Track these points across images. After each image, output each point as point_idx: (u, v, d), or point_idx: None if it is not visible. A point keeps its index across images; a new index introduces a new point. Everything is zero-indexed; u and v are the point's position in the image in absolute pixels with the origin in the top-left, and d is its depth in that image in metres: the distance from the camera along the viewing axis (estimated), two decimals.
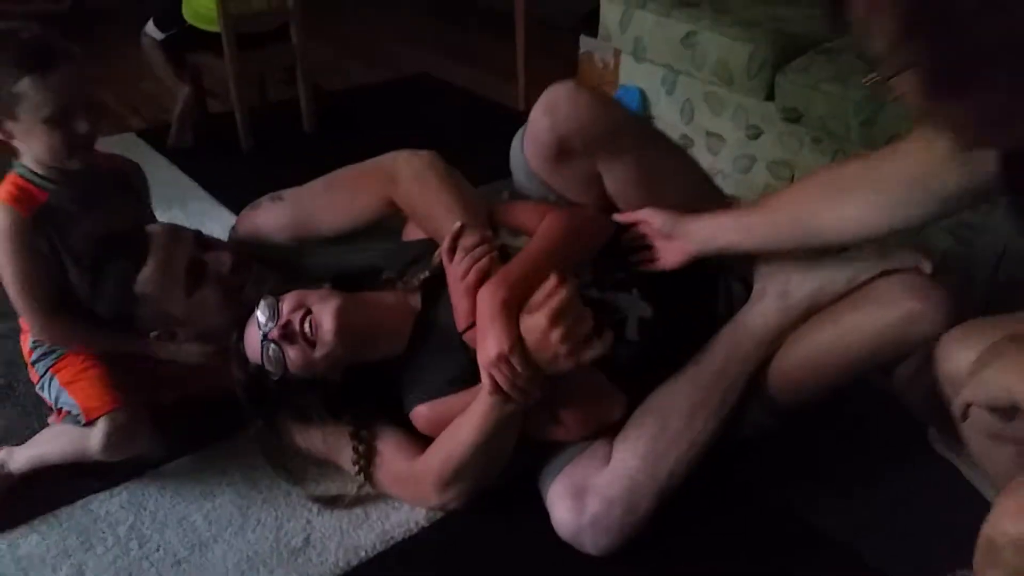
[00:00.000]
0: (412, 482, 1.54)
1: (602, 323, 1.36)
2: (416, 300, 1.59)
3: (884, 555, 1.46)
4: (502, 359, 1.32)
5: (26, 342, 1.73)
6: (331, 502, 1.58)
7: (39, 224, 1.56)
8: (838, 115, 2.09)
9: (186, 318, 1.62)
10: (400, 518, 1.55)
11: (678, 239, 1.50)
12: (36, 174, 1.58)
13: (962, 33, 0.87)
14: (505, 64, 3.52)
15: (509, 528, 1.53)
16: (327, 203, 1.72)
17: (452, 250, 1.48)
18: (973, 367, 1.10)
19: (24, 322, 1.68)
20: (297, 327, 1.48)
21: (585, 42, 3.15)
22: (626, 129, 1.51)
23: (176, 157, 2.91)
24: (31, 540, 1.52)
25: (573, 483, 1.46)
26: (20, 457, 1.66)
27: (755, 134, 2.41)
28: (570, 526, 1.44)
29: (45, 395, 1.71)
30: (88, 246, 1.60)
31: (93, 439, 1.57)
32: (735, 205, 1.65)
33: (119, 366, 1.66)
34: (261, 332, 1.50)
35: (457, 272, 1.46)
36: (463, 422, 1.44)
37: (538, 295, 1.34)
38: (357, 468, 1.56)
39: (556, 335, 1.31)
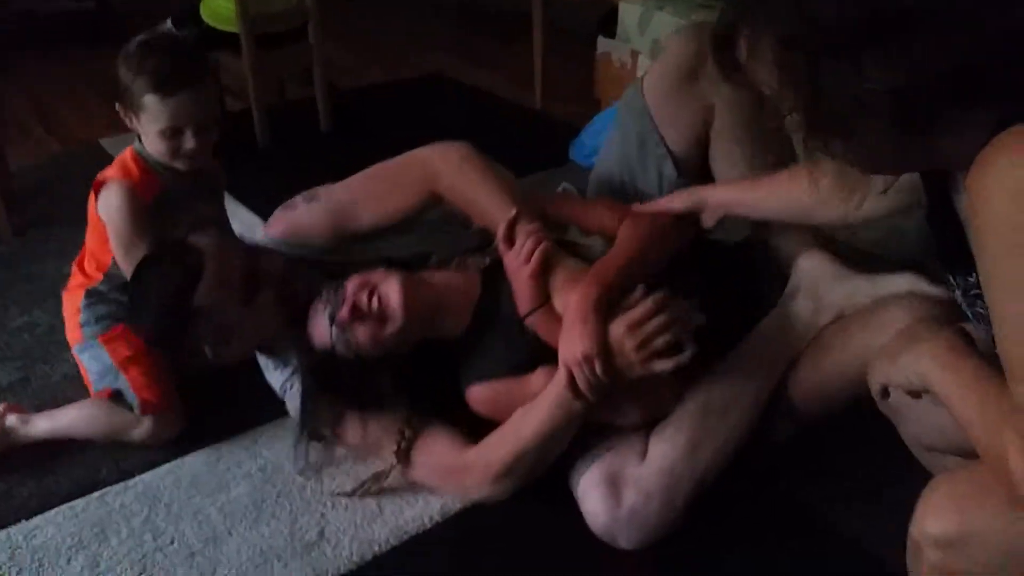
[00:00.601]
0: (461, 473, 1.52)
1: (683, 338, 1.39)
2: (475, 283, 1.59)
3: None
4: (588, 360, 1.35)
5: (74, 299, 1.76)
6: (359, 489, 1.56)
7: (154, 209, 1.69)
8: None
9: (245, 327, 1.57)
10: (414, 513, 1.54)
11: (700, 210, 1.60)
12: (152, 157, 1.71)
13: (831, 89, 0.91)
14: (521, 65, 3.53)
15: (524, 522, 1.51)
16: (366, 197, 1.68)
17: (509, 238, 1.51)
18: (889, 349, 1.14)
19: (78, 276, 1.78)
20: (365, 306, 1.47)
21: (603, 43, 3.14)
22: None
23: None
24: (47, 531, 1.52)
25: (608, 473, 1.45)
26: (39, 425, 1.70)
27: None
28: (604, 518, 1.42)
29: (83, 360, 1.74)
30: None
31: (141, 428, 1.68)
32: None
33: None
34: (328, 317, 1.49)
35: (519, 257, 1.48)
36: (526, 418, 1.45)
37: (627, 303, 1.41)
38: (397, 448, 1.53)
39: (631, 343, 1.36)
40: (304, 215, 1.68)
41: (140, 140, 1.71)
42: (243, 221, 2.47)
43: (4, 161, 2.60)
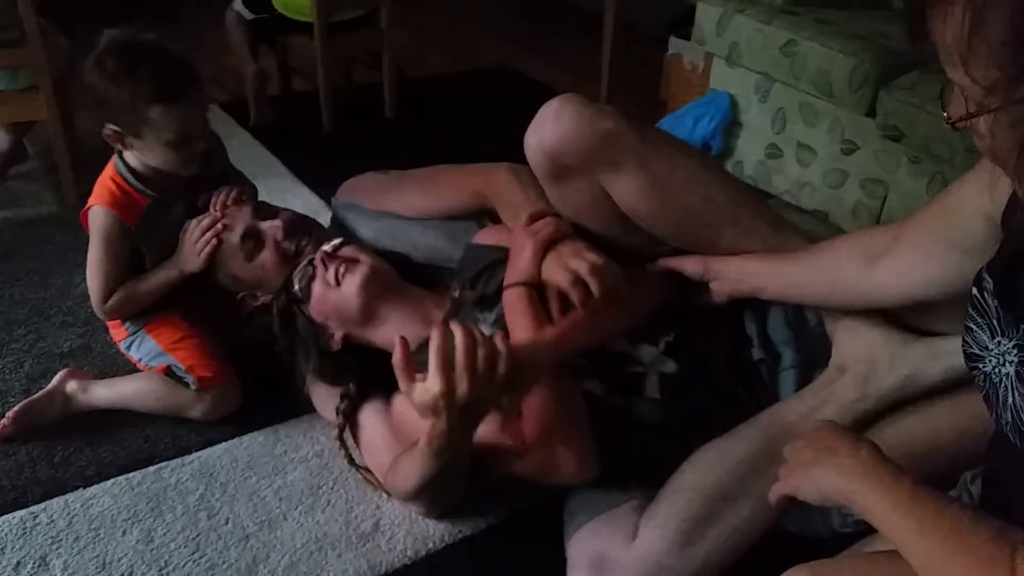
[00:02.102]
0: (385, 475, 1.49)
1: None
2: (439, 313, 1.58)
3: None
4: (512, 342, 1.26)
5: None
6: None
7: (138, 230, 1.66)
8: (943, 137, 2.01)
9: (254, 280, 1.69)
10: (471, 511, 1.51)
11: (712, 281, 1.48)
12: (136, 176, 1.65)
13: None
14: (590, 63, 3.48)
15: None
16: (411, 186, 1.77)
17: (531, 224, 1.49)
18: (797, 459, 1.04)
19: None
20: (340, 258, 1.56)
21: (675, 44, 3.10)
22: (621, 138, 1.41)
23: (258, 132, 2.93)
24: (103, 501, 1.52)
25: (593, 552, 1.33)
26: (99, 394, 1.70)
27: (850, 149, 2.34)
28: None
29: (132, 353, 1.74)
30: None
31: (200, 404, 1.66)
32: (773, 208, 1.59)
33: (199, 319, 1.74)
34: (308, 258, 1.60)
35: (531, 232, 1.46)
36: (414, 453, 1.36)
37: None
38: (337, 433, 1.56)
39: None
40: (364, 181, 1.84)
41: (121, 159, 1.65)
42: (305, 203, 2.47)
43: (72, 126, 2.61)
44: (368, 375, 1.57)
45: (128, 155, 1.64)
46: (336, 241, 1.62)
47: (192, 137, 1.60)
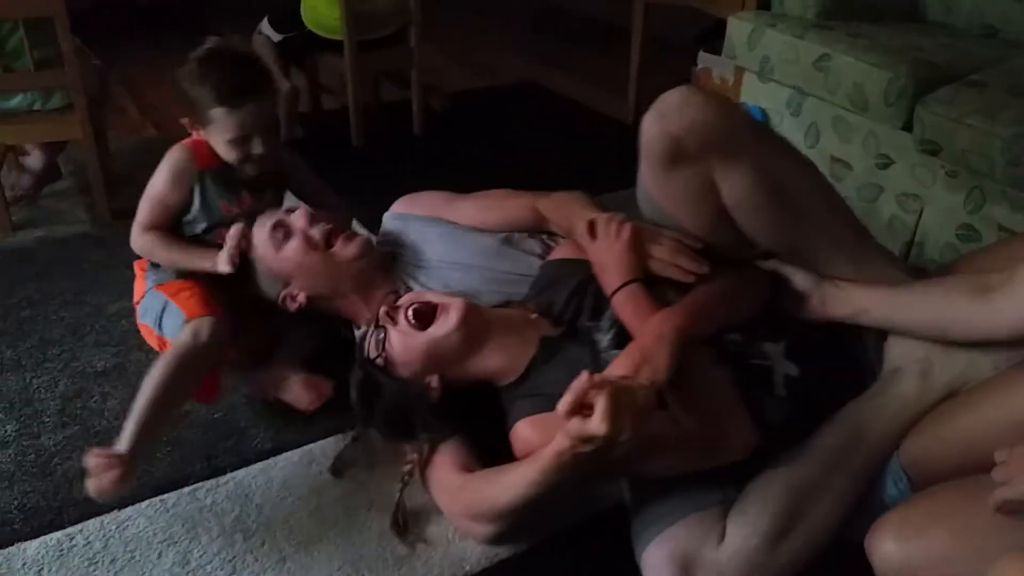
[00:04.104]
0: (449, 496, 1.48)
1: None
2: (544, 324, 1.56)
3: None
4: (652, 382, 1.26)
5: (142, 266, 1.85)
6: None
7: (203, 177, 1.76)
8: (983, 151, 1.98)
9: (287, 273, 1.74)
10: None
11: (817, 298, 1.48)
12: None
13: None
14: (618, 78, 3.47)
15: (621, 553, 1.45)
16: (471, 199, 1.85)
17: (592, 232, 1.55)
18: (1017, 460, 1.06)
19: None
20: (407, 305, 1.52)
21: (704, 58, 3.08)
22: (745, 132, 1.42)
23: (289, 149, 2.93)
24: (139, 523, 1.52)
25: (679, 552, 1.33)
26: (126, 432, 1.64)
27: (885, 163, 2.31)
28: None
29: (146, 320, 1.76)
30: None
31: (185, 336, 1.61)
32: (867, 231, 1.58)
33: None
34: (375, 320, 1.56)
35: (608, 237, 1.51)
36: (520, 469, 1.35)
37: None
38: (410, 466, 1.52)
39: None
40: (418, 196, 1.90)
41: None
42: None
43: (105, 144, 2.64)
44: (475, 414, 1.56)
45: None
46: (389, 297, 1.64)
47: (251, 139, 1.70)
